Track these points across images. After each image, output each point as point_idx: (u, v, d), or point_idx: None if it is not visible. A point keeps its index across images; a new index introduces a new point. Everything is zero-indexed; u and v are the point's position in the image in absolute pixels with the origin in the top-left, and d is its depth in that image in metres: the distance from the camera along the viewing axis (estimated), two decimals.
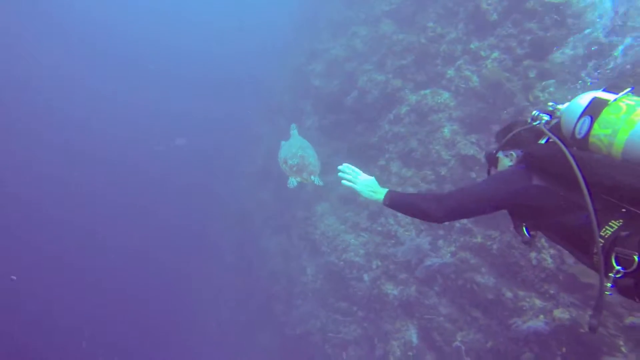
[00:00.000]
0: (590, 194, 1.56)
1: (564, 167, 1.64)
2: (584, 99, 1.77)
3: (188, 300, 16.75)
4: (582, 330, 4.94)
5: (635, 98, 1.65)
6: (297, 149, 7.47)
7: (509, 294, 6.14)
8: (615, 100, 1.65)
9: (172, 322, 16.38)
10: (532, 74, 6.79)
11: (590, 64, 5.92)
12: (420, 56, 9.23)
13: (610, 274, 1.54)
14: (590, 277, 5.02)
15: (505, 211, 2.05)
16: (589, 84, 5.81)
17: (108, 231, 20.89)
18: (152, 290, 17.68)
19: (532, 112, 2.09)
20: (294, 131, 7.92)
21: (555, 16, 6.47)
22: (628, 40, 5.34)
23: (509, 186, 1.91)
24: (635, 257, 1.47)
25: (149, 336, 16.03)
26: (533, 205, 1.85)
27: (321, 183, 7.65)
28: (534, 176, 1.84)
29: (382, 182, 7.98)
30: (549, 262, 5.63)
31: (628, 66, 5.26)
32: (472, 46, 8.28)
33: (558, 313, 5.27)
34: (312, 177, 7.54)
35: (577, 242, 1.73)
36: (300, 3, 18.30)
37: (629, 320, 4.53)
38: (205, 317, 15.54)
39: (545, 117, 2.00)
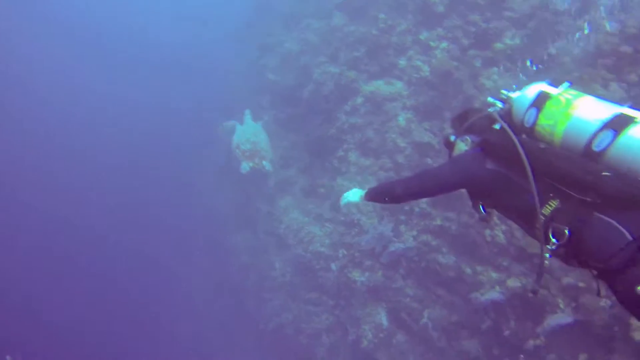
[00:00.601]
0: (534, 177, 1.80)
1: (514, 154, 1.87)
2: (531, 91, 1.99)
3: (155, 303, 16.40)
4: (529, 295, 5.42)
5: (573, 92, 1.87)
6: (249, 135, 7.51)
7: (468, 270, 6.57)
8: (556, 94, 1.88)
9: (140, 329, 16.01)
10: (477, 63, 7.20)
11: (528, 51, 6.38)
12: (372, 47, 9.46)
13: (548, 246, 1.82)
14: (535, 247, 5.48)
15: (459, 193, 2.27)
16: (530, 67, 6.27)
17: (74, 224, 20.03)
18: (116, 292, 17.16)
19: (487, 98, 2.30)
20: (247, 117, 7.92)
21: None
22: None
23: (465, 169, 2.11)
24: (566, 231, 1.74)
25: (115, 340, 15.67)
26: (487, 186, 2.07)
27: (271, 168, 7.75)
28: (488, 160, 2.05)
29: (341, 173, 8.16)
30: (501, 237, 6.08)
31: (565, 56, 5.73)
32: (421, 37, 8.62)
33: (511, 282, 5.74)
34: (264, 162, 7.62)
35: (524, 219, 1.99)
36: None
37: (565, 280, 5.03)
38: (177, 318, 15.31)
39: (499, 104, 2.20)
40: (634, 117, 1.57)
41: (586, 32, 5.08)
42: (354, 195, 2.70)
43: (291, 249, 9.70)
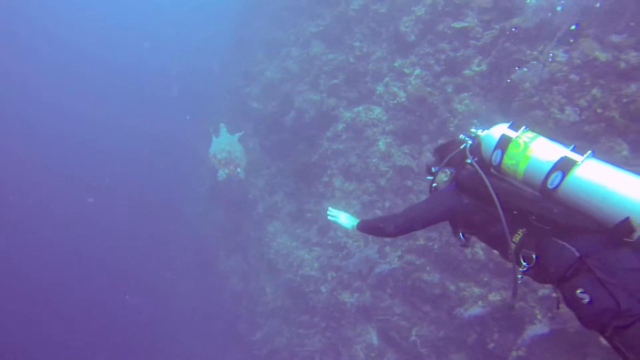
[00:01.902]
0: (504, 211, 2.11)
1: (485, 191, 2.18)
2: (495, 134, 2.29)
3: (147, 329, 16.26)
4: (508, 310, 5.72)
5: (529, 134, 2.18)
6: (225, 145, 8.06)
7: (452, 287, 6.85)
8: (516, 137, 2.18)
9: (132, 356, 15.82)
10: (449, 89, 7.64)
11: (494, 78, 6.84)
12: (350, 75, 9.89)
13: (520, 268, 2.13)
14: (511, 263, 5.81)
15: None
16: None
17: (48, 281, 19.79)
18: (108, 326, 16.96)
19: (459, 135, 2.63)
20: (223, 129, 8.47)
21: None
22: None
23: (445, 204, 2.39)
24: (533, 256, 2.05)
25: None
26: (465, 218, 2.37)
27: (243, 176, 8.26)
28: (464, 195, 2.37)
29: (326, 198, 8.49)
30: (480, 254, 6.40)
31: (527, 83, 6.18)
32: (396, 64, 9.06)
33: (492, 296, 6.04)
34: (238, 169, 8.11)
35: (498, 245, 2.29)
36: (233, 23, 18.58)
37: (541, 292, 5.36)
38: (169, 345, 15.17)
39: (469, 141, 2.52)
40: (576, 161, 1.90)
41: (540, 61, 5.54)
42: (346, 223, 2.90)
43: (281, 274, 9.88)
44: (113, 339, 16.37)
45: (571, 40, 5.19)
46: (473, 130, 2.47)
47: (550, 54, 5.24)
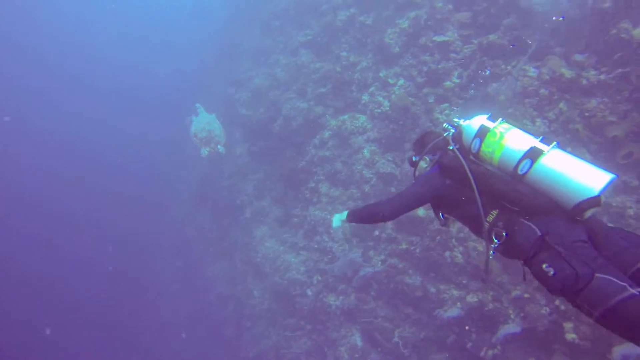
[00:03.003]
0: (479, 193, 2.39)
1: (464, 174, 2.44)
2: (475, 123, 2.57)
3: (133, 334, 16.24)
4: (485, 309, 6.03)
5: (505, 125, 2.47)
6: (204, 124, 8.47)
7: (432, 289, 7.15)
8: (493, 127, 2.47)
9: (121, 354, 15.82)
10: (431, 99, 7.98)
11: (472, 90, 7.20)
12: (337, 83, 10.18)
13: (492, 245, 2.39)
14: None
15: (420, 220, 2.73)
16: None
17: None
18: (92, 332, 16.88)
19: (443, 124, 2.88)
20: (200, 109, 8.86)
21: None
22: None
23: (430, 185, 2.61)
24: (504, 233, 2.32)
25: None
26: (446, 198, 2.62)
27: (224, 151, 8.67)
28: (446, 178, 2.61)
29: (313, 203, 8.74)
30: (459, 258, 6.70)
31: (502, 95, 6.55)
32: (381, 74, 9.39)
33: (469, 298, 6.34)
34: (219, 146, 8.51)
35: (473, 224, 2.54)
36: (222, 30, 18.80)
37: (514, 293, 5.69)
38: (156, 349, 15.18)
39: (452, 130, 2.76)
40: (543, 150, 2.22)
41: (515, 76, 5.91)
42: (336, 221, 3.01)
43: (268, 277, 10.07)
44: (98, 343, 16.30)
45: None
46: (455, 119, 2.72)
47: (525, 69, 5.63)
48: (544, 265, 2.08)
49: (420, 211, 7.23)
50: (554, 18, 5.84)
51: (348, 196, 8.80)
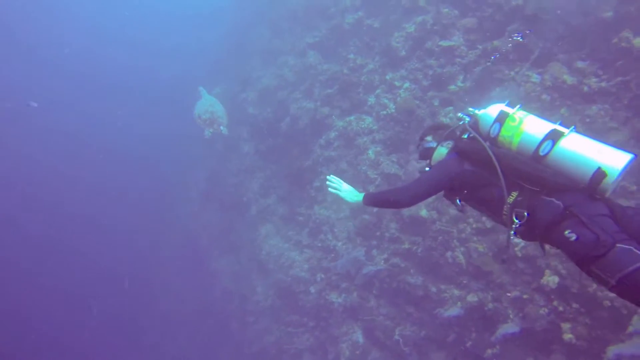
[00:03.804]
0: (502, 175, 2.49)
1: (486, 157, 2.53)
2: (493, 110, 2.65)
3: (137, 328, 16.49)
4: (485, 308, 6.17)
5: (522, 112, 2.56)
6: (207, 106, 8.71)
7: (434, 289, 7.29)
8: (512, 113, 2.56)
9: (126, 348, 16.06)
10: (436, 103, 8.12)
11: (476, 94, 7.33)
12: (344, 85, 10.32)
13: (513, 225, 2.48)
14: (489, 266, 6.28)
15: (423, 221, 2.78)
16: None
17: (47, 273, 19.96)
18: (98, 325, 17.15)
19: (458, 114, 2.94)
20: (203, 92, 9.09)
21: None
22: None
23: (451, 170, 2.63)
24: (525, 213, 2.42)
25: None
26: (466, 183, 2.68)
27: (227, 132, 8.90)
28: (465, 162, 2.68)
29: (318, 202, 8.89)
30: (461, 258, 6.84)
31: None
32: (387, 77, 9.53)
33: (470, 298, 6.48)
34: (221, 127, 8.72)
35: (492, 208, 2.61)
36: (231, 30, 19.03)
37: (512, 294, 5.82)
38: (160, 341, 15.41)
39: (467, 119, 2.82)
40: (563, 132, 2.34)
41: (518, 81, 6.05)
42: (349, 195, 2.92)
43: (272, 274, 10.26)
44: (104, 337, 16.55)
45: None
46: (471, 109, 2.80)
47: (528, 75, 5.77)
48: (566, 232, 2.21)
49: (423, 212, 7.37)
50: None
51: None
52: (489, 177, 2.52)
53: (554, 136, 2.35)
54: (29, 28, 28.96)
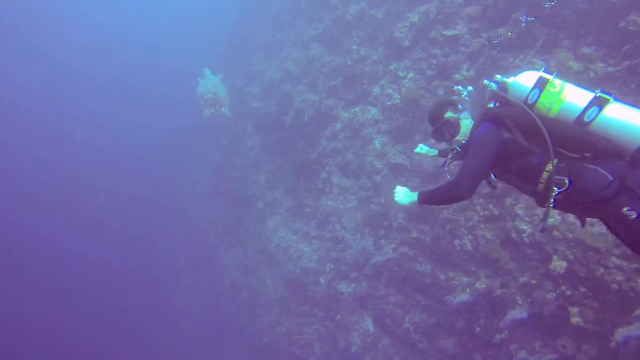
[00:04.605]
0: (540, 141, 2.38)
1: (528, 123, 2.43)
2: (531, 76, 2.52)
3: (148, 320, 16.74)
4: (493, 294, 6.25)
5: (559, 81, 2.46)
6: (211, 86, 8.80)
7: (442, 277, 7.37)
8: (552, 79, 2.46)
9: (131, 345, 16.31)
10: (440, 92, 8.14)
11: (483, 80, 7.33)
12: (348, 76, 10.35)
13: (551, 194, 2.41)
14: (496, 252, 6.36)
15: (431, 209, 2.65)
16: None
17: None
18: (106, 318, 17.43)
19: (483, 81, 2.75)
20: (207, 72, 9.16)
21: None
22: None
23: (492, 143, 2.50)
24: (566, 180, 2.37)
25: (105, 353, 16.02)
26: (507, 152, 2.50)
27: (230, 114, 8.97)
28: (503, 131, 2.50)
29: (325, 194, 8.94)
30: (468, 245, 6.91)
31: None
32: (391, 67, 9.53)
33: (478, 284, 6.56)
34: (223, 108, 8.81)
35: (528, 179, 2.47)
36: (232, 23, 19.01)
37: (521, 280, 5.90)
38: (170, 334, 15.65)
39: (494, 85, 2.67)
40: (609, 98, 2.30)
41: (522, 68, 6.05)
42: (404, 198, 2.83)
43: (281, 266, 10.38)
44: (112, 333, 16.81)
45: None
46: (498, 76, 2.67)
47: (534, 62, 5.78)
48: (625, 209, 2.13)
49: None
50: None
51: (359, 186, 9.02)
52: (528, 145, 2.44)
53: (599, 102, 2.28)
54: (30, 24, 29.03)
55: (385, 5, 10.13)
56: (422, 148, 3.28)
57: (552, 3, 6.23)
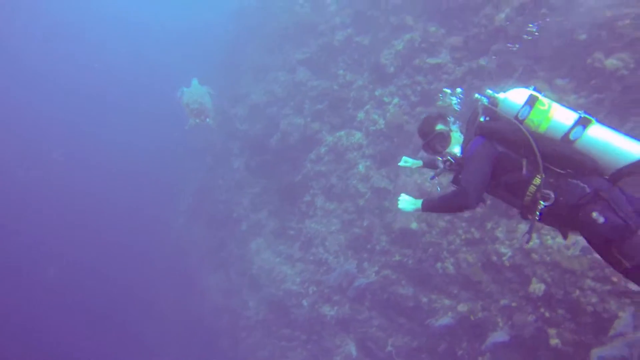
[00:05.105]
0: (530, 156, 2.50)
1: (519, 138, 2.48)
2: (523, 94, 2.63)
3: (129, 350, 16.18)
4: (475, 317, 6.33)
5: (547, 100, 2.59)
6: (197, 97, 8.86)
7: (425, 299, 7.42)
8: (541, 98, 2.59)
9: None
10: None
11: (463, 110, 7.61)
12: (333, 101, 10.58)
13: (538, 207, 2.51)
14: (478, 275, 6.46)
15: (413, 233, 2.73)
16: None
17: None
18: (87, 344, 16.78)
19: (475, 95, 2.88)
20: (194, 81, 9.23)
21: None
22: None
23: (488, 156, 2.59)
24: (552, 194, 2.48)
25: None
26: (499, 166, 2.60)
27: (214, 125, 9.03)
28: (496, 145, 2.60)
29: (309, 216, 8.98)
30: (450, 269, 7.01)
31: None
32: (376, 93, 9.79)
33: (460, 307, 6.63)
34: (208, 119, 8.87)
35: (516, 192, 2.58)
36: (221, 47, 19.28)
37: (502, 302, 6.00)
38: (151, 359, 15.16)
39: (485, 100, 2.79)
40: (592, 119, 2.45)
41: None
42: (407, 205, 2.87)
43: (264, 289, 10.27)
44: (94, 353, 16.21)
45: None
46: (489, 91, 2.77)
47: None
48: (594, 214, 2.32)
49: (414, 224, 7.55)
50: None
51: (343, 209, 9.11)
52: (517, 159, 2.56)
53: (584, 122, 2.44)
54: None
55: (371, 32, 10.49)
56: (406, 161, 3.36)
57: (529, 38, 6.60)
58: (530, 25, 6.61)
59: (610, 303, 4.84)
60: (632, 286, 4.64)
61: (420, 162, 3.33)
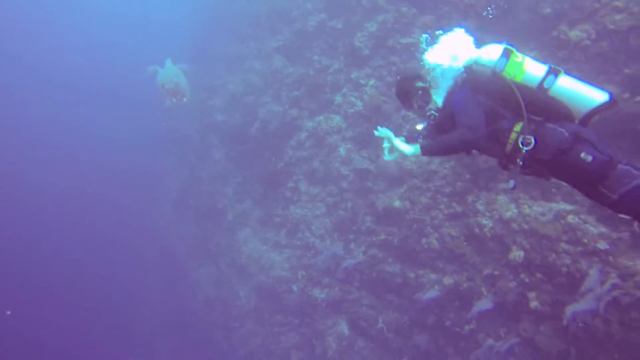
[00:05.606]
0: (509, 105, 2.70)
1: (502, 88, 2.69)
2: (497, 48, 2.81)
3: (122, 346, 16.16)
4: (460, 288, 6.57)
5: (520, 53, 2.79)
6: (172, 76, 8.89)
7: (412, 275, 7.63)
8: (515, 51, 2.79)
9: None
10: None
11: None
12: (311, 86, 10.57)
13: (520, 154, 2.67)
14: (461, 248, 6.69)
15: (397, 213, 2.83)
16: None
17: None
18: (76, 343, 16.66)
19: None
20: (168, 62, 9.23)
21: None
22: None
23: (475, 101, 2.76)
24: (532, 139, 2.62)
25: None
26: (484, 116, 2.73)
27: (187, 102, 9.11)
28: (479, 96, 2.77)
29: (293, 202, 9.07)
30: (435, 244, 7.21)
31: None
32: (352, 76, 9.82)
33: (446, 280, 6.86)
34: (184, 98, 8.94)
35: (498, 140, 2.75)
36: (193, 37, 18.92)
37: (485, 272, 6.25)
38: (143, 355, 15.18)
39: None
40: (560, 70, 2.68)
41: None
42: (404, 146, 3.05)
43: (253, 277, 10.37)
44: (88, 354, 16.14)
45: None
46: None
47: None
48: (582, 154, 2.53)
49: (397, 203, 7.71)
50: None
51: (327, 193, 9.21)
52: (498, 109, 2.74)
53: (554, 72, 2.69)
54: None
55: (344, 16, 10.48)
56: (381, 131, 3.28)
57: (495, 12, 6.76)
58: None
59: (581, 263, 5.13)
60: (601, 245, 4.95)
61: (391, 134, 3.27)
